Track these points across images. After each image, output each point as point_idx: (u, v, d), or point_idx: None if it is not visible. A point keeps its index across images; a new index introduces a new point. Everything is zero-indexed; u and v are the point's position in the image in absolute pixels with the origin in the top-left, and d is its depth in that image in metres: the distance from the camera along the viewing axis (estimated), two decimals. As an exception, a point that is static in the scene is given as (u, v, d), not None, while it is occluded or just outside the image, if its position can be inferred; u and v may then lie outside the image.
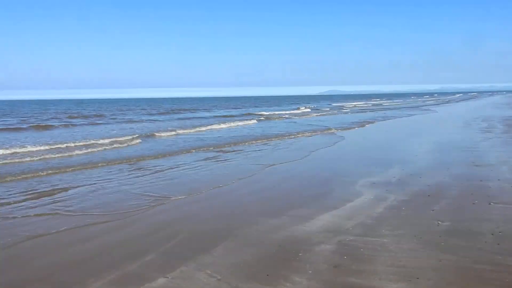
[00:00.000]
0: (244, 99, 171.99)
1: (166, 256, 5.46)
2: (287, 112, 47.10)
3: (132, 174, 11.14)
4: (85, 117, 40.64)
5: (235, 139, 19.39)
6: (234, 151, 15.34)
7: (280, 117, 38.51)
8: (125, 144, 17.69)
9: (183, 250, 5.64)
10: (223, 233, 6.27)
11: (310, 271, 4.82)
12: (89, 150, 15.91)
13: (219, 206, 7.94)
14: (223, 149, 15.94)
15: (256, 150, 15.43)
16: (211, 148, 16.16)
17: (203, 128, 26.05)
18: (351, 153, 14.91)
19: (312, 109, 54.66)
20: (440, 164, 11.31)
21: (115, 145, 17.12)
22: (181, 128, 25.55)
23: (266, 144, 17.36)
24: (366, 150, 15.43)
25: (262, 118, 36.71)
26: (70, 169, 11.87)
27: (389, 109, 50.78)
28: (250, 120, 33.73)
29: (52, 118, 38.05)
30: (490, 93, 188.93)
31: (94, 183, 9.95)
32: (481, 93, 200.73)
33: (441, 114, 37.40)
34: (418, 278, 4.53)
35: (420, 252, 5.25)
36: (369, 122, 28.18)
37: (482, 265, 4.82)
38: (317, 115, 40.64)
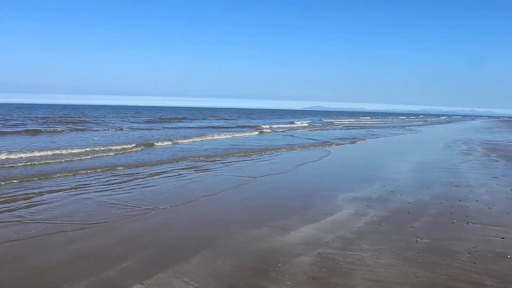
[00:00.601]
0: (228, 110, 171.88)
1: (143, 263, 5.38)
2: (284, 126, 47.88)
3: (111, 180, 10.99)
4: (73, 122, 39.49)
5: (238, 149, 19.40)
6: (230, 161, 15.29)
7: (279, 130, 39.31)
8: (114, 153, 17.42)
9: (161, 258, 5.56)
10: (203, 242, 6.21)
11: (289, 282, 4.79)
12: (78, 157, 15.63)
13: (202, 215, 7.88)
14: (217, 159, 15.87)
15: (251, 160, 15.41)
16: (216, 158, 16.08)
17: (209, 137, 26.39)
18: (345, 166, 15.01)
19: (308, 124, 55.61)
20: (421, 182, 11.45)
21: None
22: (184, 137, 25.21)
23: (272, 154, 17.35)
24: (356, 165, 15.56)
25: (267, 130, 37.40)
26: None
27: (377, 127, 51.47)
28: (252, 132, 34.55)
29: (40, 124, 36.70)
30: (472, 117, 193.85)
31: (67, 191, 9.78)
32: (464, 117, 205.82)
33: (428, 135, 38.04)
34: (395, 293, 4.55)
35: (398, 268, 5.28)
36: (359, 139, 28.50)
37: (459, 283, 4.87)
38: (310, 130, 41.11)
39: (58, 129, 29.47)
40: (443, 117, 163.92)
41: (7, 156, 14.22)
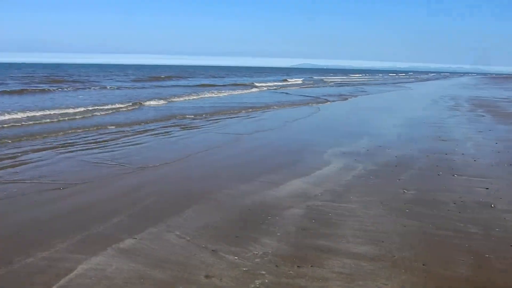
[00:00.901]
0: (216, 68, 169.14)
1: (134, 218, 5.40)
2: (278, 83, 47.37)
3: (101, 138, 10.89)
4: (57, 81, 38.37)
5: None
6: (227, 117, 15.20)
7: (273, 87, 38.99)
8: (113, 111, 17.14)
9: (152, 213, 5.59)
10: (193, 197, 6.24)
11: (279, 233, 4.88)
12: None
13: (192, 171, 7.90)
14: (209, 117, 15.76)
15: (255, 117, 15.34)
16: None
17: (207, 95, 26.45)
18: (336, 122, 15.06)
19: (302, 81, 55.15)
20: (409, 137, 11.56)
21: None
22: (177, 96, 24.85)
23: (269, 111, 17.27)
24: (346, 121, 15.63)
25: (262, 88, 37.09)
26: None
27: (368, 84, 51.32)
28: (250, 89, 34.50)
29: (24, 83, 35.56)
30: (460, 74, 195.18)
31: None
32: (452, 74, 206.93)
33: (416, 91, 38.23)
34: (383, 242, 4.67)
35: (386, 218, 5.40)
36: (351, 96, 28.49)
37: (445, 231, 5.01)
38: (305, 87, 40.86)
39: (44, 88, 28.81)
40: (432, 74, 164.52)
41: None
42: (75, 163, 8.21)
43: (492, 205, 5.92)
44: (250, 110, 18.44)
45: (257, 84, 41.70)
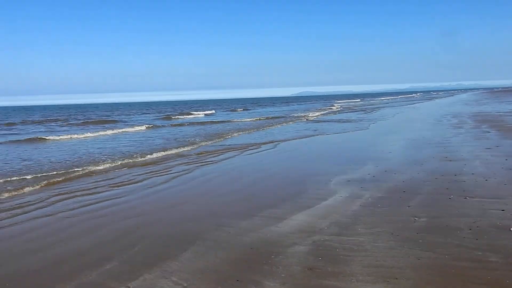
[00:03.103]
0: (230, 101, 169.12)
1: (128, 263, 5.06)
2: (321, 113, 44.14)
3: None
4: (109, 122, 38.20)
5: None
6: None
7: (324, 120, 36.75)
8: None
9: (147, 256, 5.24)
10: (191, 238, 5.90)
11: (283, 275, 4.51)
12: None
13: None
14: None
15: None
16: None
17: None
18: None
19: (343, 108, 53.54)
20: (414, 159, 11.23)
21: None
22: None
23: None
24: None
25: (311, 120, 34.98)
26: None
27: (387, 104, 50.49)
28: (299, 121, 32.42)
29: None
30: (463, 91, 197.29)
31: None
32: (454, 91, 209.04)
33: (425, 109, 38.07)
34: (397, 278, 4.29)
35: (398, 251, 5.02)
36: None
37: (462, 262, 4.62)
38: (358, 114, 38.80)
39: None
40: (435, 93, 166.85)
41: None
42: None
43: (511, 229, 5.54)
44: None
45: (310, 115, 38.21)
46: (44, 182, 10.11)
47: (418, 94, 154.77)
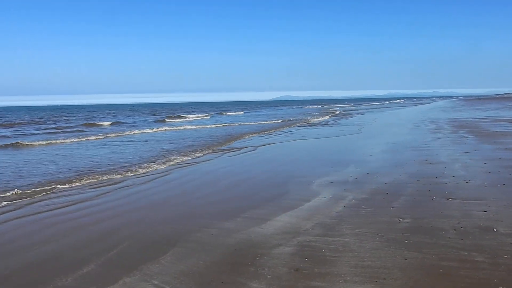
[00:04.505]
0: (210, 104, 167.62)
1: (106, 267, 4.84)
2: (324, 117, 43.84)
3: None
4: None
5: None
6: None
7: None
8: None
9: (127, 260, 5.03)
10: (171, 240, 5.71)
11: (269, 276, 4.38)
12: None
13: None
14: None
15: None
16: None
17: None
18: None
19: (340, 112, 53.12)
20: (396, 162, 11.28)
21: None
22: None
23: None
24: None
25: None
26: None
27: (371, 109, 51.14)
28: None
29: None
30: (440, 97, 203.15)
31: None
32: (431, 98, 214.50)
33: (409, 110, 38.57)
34: (385, 279, 4.21)
35: (384, 251, 4.95)
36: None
37: (449, 262, 4.58)
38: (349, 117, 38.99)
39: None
40: (417, 99, 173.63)
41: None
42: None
43: (494, 229, 5.55)
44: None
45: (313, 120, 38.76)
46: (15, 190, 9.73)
47: (402, 100, 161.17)
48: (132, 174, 10.89)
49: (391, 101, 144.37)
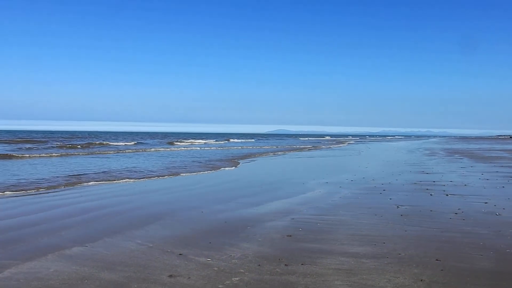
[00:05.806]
0: (215, 135, 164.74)
1: (88, 229, 4.54)
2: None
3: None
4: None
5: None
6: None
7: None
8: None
9: (109, 226, 4.73)
10: (160, 215, 5.42)
11: (260, 239, 4.10)
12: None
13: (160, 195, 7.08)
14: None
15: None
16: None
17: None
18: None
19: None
20: (391, 172, 11.09)
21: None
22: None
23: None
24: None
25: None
26: None
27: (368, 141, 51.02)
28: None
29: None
30: (433, 136, 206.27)
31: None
32: (425, 137, 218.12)
33: (396, 145, 38.63)
34: (384, 243, 3.95)
35: (383, 225, 4.70)
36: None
37: (452, 233, 4.33)
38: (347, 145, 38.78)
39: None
40: (412, 136, 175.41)
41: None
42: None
43: (498, 214, 5.32)
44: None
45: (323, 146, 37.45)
46: None
47: (400, 137, 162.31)
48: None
49: (390, 137, 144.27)
